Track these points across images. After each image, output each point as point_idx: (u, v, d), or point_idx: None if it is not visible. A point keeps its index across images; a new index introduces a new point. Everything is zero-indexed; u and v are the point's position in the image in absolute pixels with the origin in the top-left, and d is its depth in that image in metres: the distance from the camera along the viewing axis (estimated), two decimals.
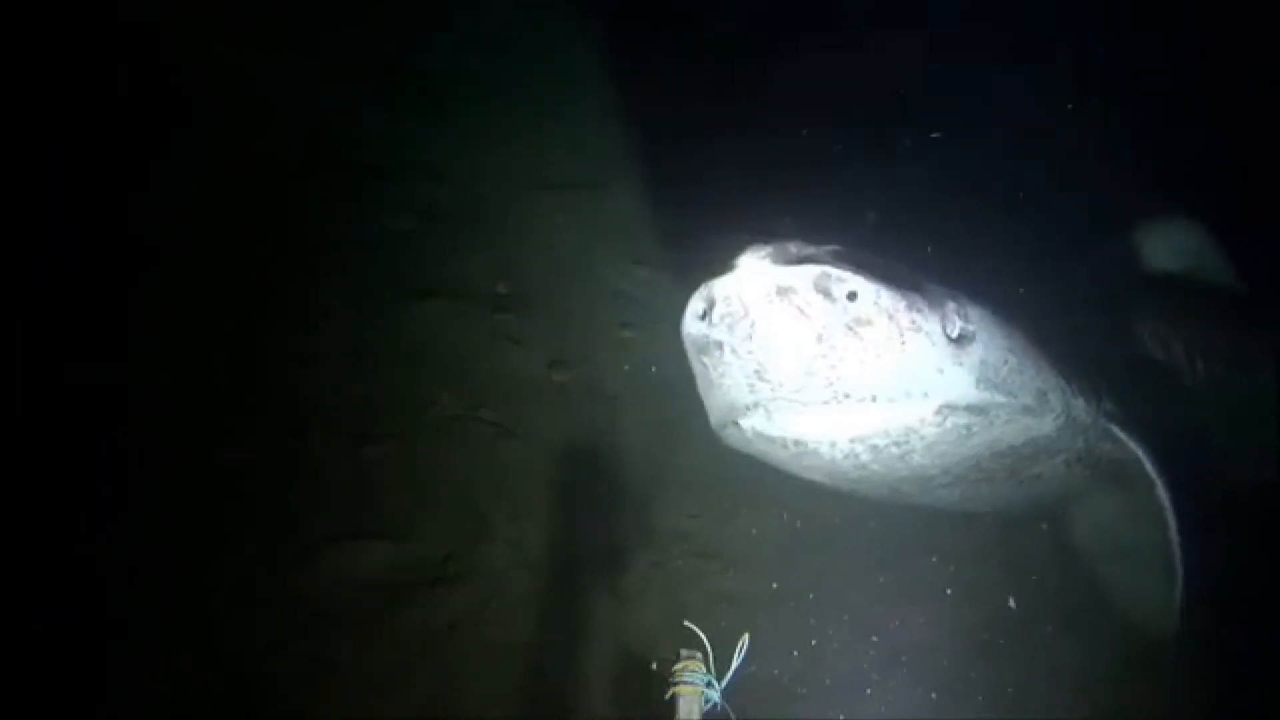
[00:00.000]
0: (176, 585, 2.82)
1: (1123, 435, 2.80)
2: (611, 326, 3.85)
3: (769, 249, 2.29)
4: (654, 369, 3.60)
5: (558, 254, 4.08)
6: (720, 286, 2.24)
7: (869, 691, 2.77)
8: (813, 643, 2.86)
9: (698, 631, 2.29)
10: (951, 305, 2.36)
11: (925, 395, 2.33)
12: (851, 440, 2.36)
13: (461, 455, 3.28)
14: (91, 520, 2.88)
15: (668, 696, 2.20)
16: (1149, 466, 2.78)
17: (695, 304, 2.29)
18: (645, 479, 3.31)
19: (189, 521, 2.94)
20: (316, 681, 2.69)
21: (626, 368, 3.69)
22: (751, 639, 2.25)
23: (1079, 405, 2.71)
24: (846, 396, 2.26)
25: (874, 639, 2.90)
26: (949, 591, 2.99)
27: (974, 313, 2.43)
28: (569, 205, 4.30)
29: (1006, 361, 2.48)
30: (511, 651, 2.78)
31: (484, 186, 4.24)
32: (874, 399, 2.28)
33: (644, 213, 4.36)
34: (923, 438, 2.39)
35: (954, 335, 2.35)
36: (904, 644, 2.89)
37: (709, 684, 2.22)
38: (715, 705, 2.22)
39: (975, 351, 2.39)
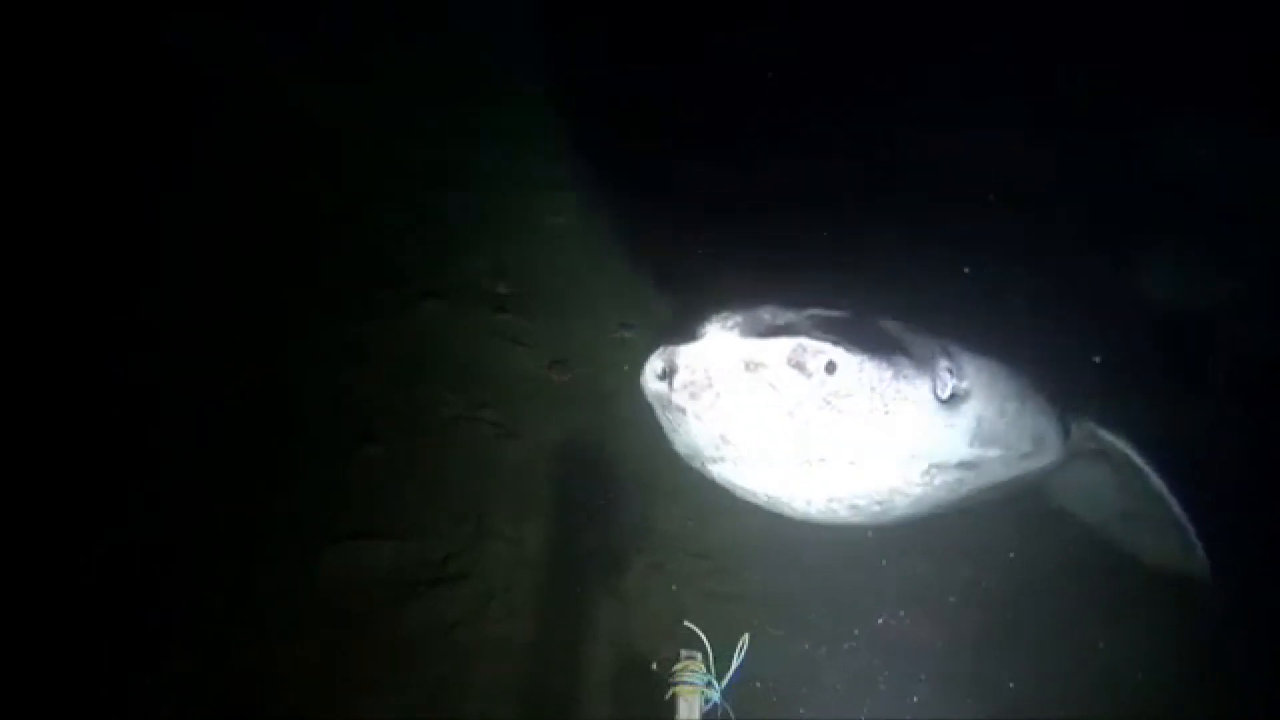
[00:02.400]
0: (177, 585, 2.83)
1: (1110, 437, 2.78)
2: (611, 326, 3.85)
3: (739, 317, 2.15)
4: None
5: (558, 254, 4.08)
6: (684, 354, 2.09)
7: (880, 687, 2.77)
8: (812, 645, 2.87)
9: (698, 631, 2.29)
10: (943, 363, 2.21)
11: (912, 458, 2.21)
12: (829, 500, 2.24)
13: (462, 455, 3.28)
14: (91, 520, 2.88)
15: (668, 696, 2.21)
16: (1138, 459, 2.78)
17: (655, 363, 2.14)
18: (645, 479, 3.31)
19: (189, 521, 2.94)
20: (316, 681, 2.69)
21: (626, 368, 3.69)
22: (751, 639, 2.25)
23: (1075, 431, 2.64)
24: (822, 460, 2.14)
25: (876, 638, 2.90)
26: (944, 590, 2.99)
27: (970, 365, 2.28)
28: (569, 205, 4.30)
29: (1003, 414, 2.34)
30: (511, 651, 2.78)
31: (485, 186, 4.24)
32: (853, 463, 2.15)
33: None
34: (907, 495, 2.27)
35: (945, 397, 2.20)
36: (904, 639, 2.89)
37: (709, 684, 2.22)
38: (715, 705, 2.22)
39: (969, 410, 2.25)
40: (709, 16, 4.65)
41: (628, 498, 3.23)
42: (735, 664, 2.27)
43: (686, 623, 2.32)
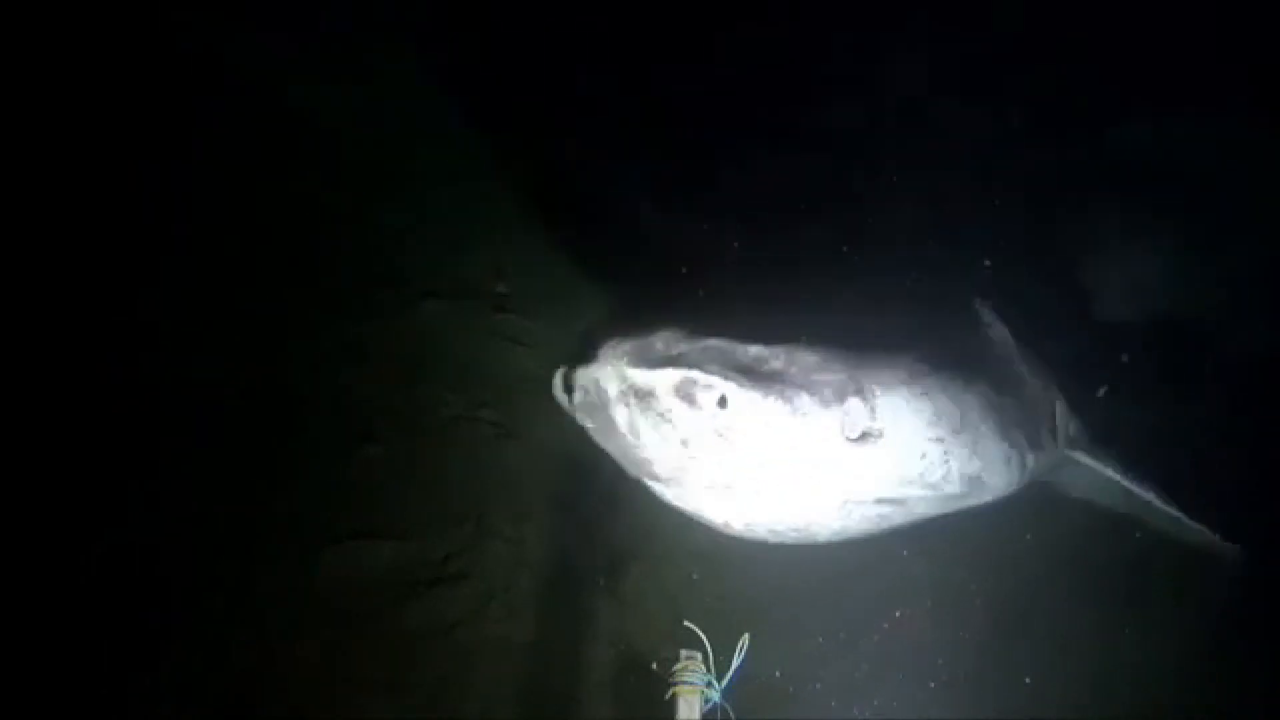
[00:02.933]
0: (177, 585, 2.83)
1: (1091, 462, 2.75)
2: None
3: (631, 343, 2.13)
4: None
5: (558, 254, 4.08)
6: (579, 374, 2.11)
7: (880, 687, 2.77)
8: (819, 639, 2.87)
9: (698, 631, 2.30)
10: (854, 401, 2.13)
11: (820, 493, 2.18)
12: (746, 524, 2.23)
13: (462, 455, 3.28)
14: (91, 520, 2.88)
15: (668, 696, 2.21)
16: (1134, 486, 2.76)
17: (557, 379, 2.18)
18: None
19: (189, 521, 2.94)
20: (316, 681, 2.69)
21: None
22: (751, 639, 2.26)
23: (1033, 461, 2.52)
24: (728, 488, 2.13)
25: (874, 638, 2.90)
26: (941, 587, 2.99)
27: (888, 405, 2.17)
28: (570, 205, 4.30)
29: (925, 455, 2.23)
30: (511, 652, 2.78)
31: (486, 186, 4.24)
32: (758, 494, 2.14)
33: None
34: (826, 527, 2.25)
35: (854, 436, 2.12)
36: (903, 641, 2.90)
37: (709, 684, 2.22)
38: (715, 705, 2.23)
39: (884, 450, 2.17)
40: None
41: (628, 498, 3.23)
42: (735, 664, 2.28)
43: (686, 623, 2.33)
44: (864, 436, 2.13)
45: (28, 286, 3.33)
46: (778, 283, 2.50)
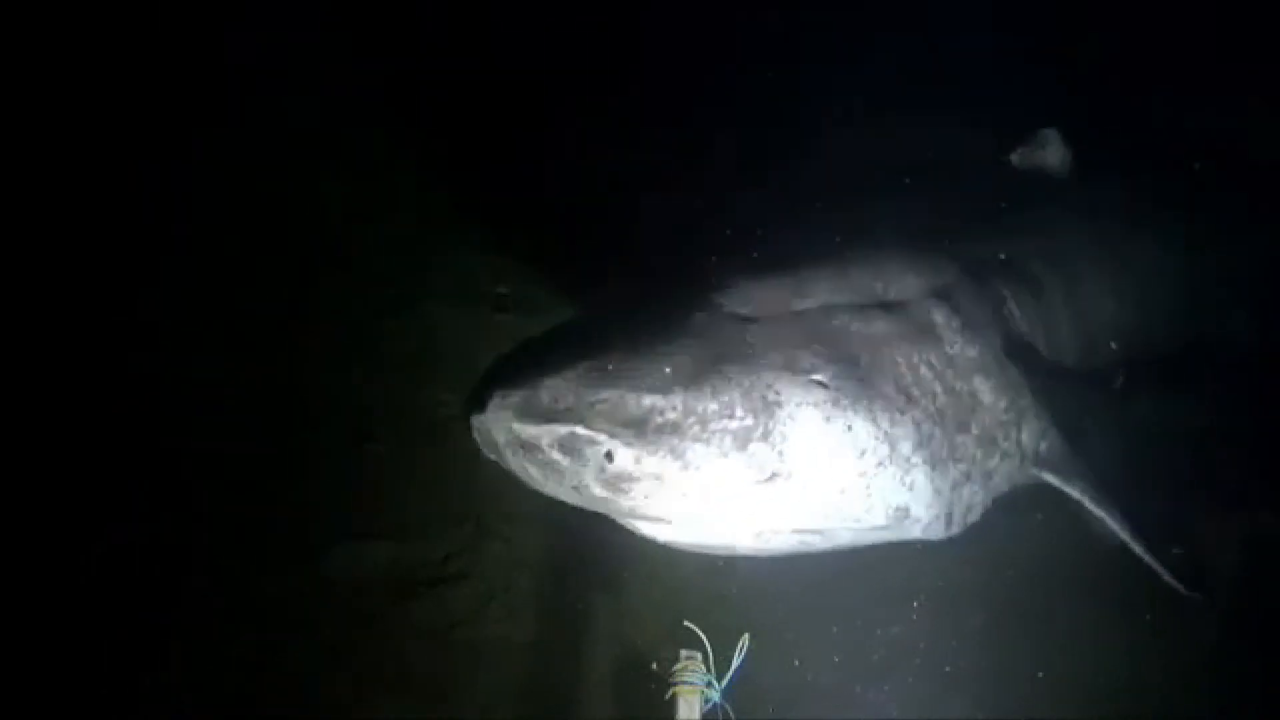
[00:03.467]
0: (178, 585, 2.83)
1: (1058, 482, 2.59)
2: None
3: (519, 393, 2.10)
4: None
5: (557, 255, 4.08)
6: (472, 418, 2.11)
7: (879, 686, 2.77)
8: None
9: (698, 631, 2.29)
10: (758, 446, 2.10)
11: (729, 526, 2.18)
12: (671, 543, 2.25)
13: (462, 455, 3.27)
14: (92, 519, 2.88)
15: (668, 696, 2.21)
16: (1100, 510, 2.58)
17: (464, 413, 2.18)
18: None
19: (190, 521, 2.94)
20: (317, 681, 2.70)
21: None
22: (751, 639, 2.25)
23: (978, 489, 2.45)
24: (641, 516, 2.15)
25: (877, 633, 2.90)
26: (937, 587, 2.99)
27: (800, 444, 2.13)
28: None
29: (844, 491, 2.20)
30: (511, 651, 2.78)
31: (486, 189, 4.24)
32: (670, 524, 2.16)
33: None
34: (749, 549, 2.26)
35: (761, 479, 2.11)
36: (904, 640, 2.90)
37: (709, 684, 2.22)
38: (715, 705, 2.22)
39: (794, 488, 2.14)
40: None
41: None
42: (735, 664, 2.27)
43: (686, 623, 2.32)
44: (773, 477, 2.13)
45: (30, 287, 3.33)
46: (735, 292, 2.39)
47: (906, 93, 4.44)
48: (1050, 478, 2.57)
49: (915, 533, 2.37)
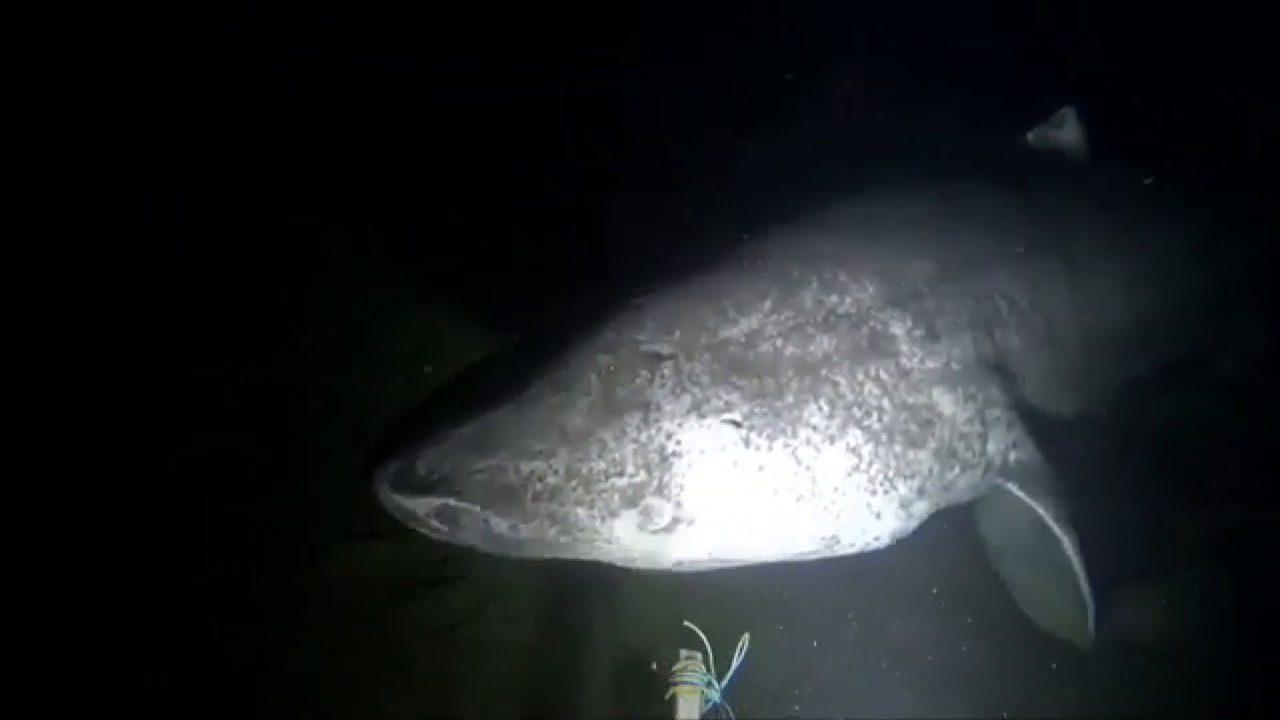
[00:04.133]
0: (178, 585, 2.83)
1: (1022, 495, 2.52)
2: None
3: (395, 464, 2.17)
4: None
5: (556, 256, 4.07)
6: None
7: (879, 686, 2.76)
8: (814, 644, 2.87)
9: (698, 631, 2.30)
10: (653, 501, 2.09)
11: (636, 561, 2.23)
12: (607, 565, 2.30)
13: None
14: (92, 520, 2.88)
15: (668, 696, 2.21)
16: (1057, 527, 2.51)
17: None
18: None
19: (190, 521, 2.94)
20: (317, 681, 2.69)
21: None
22: (751, 639, 2.26)
23: (925, 506, 2.41)
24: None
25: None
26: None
27: (699, 495, 2.11)
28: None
29: (754, 531, 2.19)
30: (511, 651, 2.78)
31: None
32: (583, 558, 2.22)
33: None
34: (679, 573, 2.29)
35: (659, 528, 2.11)
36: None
37: (709, 684, 2.22)
38: (715, 705, 2.23)
39: (699, 530, 2.15)
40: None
41: None
42: (735, 664, 2.28)
43: (686, 623, 2.33)
44: (674, 523, 2.12)
45: (30, 286, 3.33)
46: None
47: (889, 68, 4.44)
48: (1014, 490, 2.51)
49: (853, 551, 2.35)
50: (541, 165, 4.03)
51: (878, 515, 2.30)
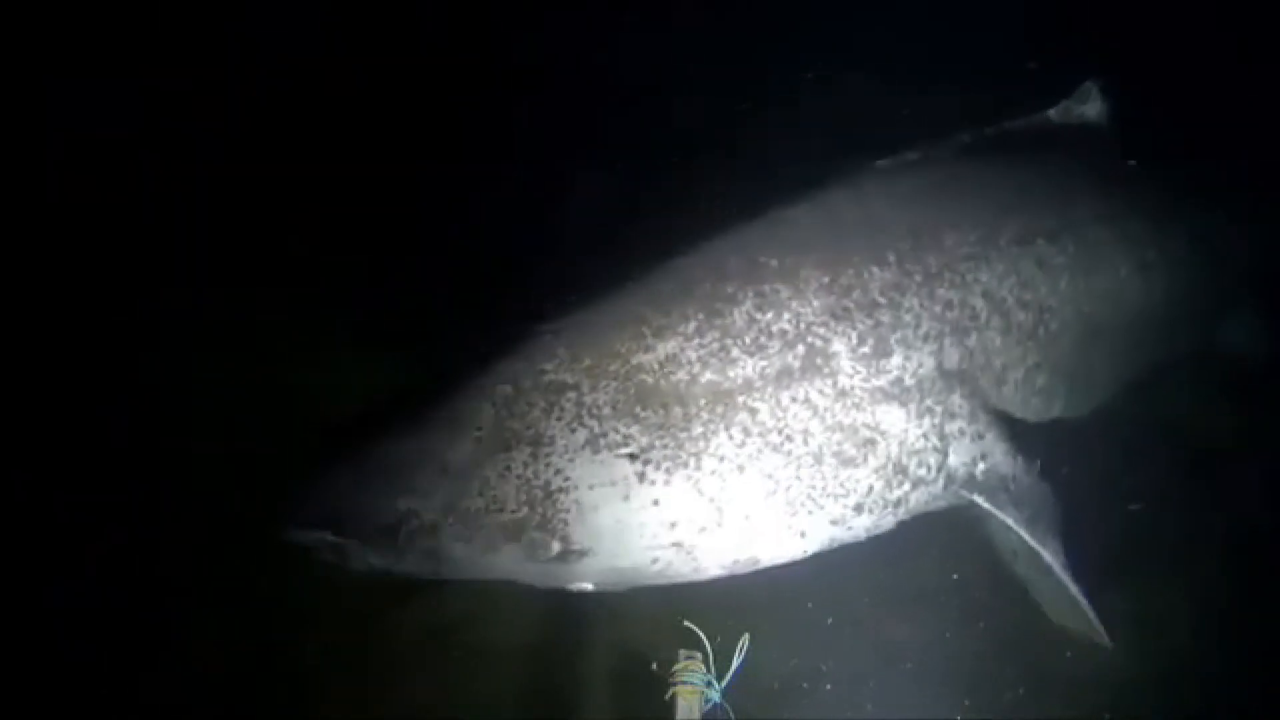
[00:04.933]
0: (176, 584, 2.82)
1: (989, 507, 2.42)
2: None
3: (292, 502, 2.26)
4: None
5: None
6: None
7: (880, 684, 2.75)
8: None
9: (698, 631, 2.30)
10: (533, 535, 2.08)
11: (535, 585, 2.25)
12: None
13: None
14: (92, 520, 2.88)
15: (668, 696, 2.21)
16: (1030, 538, 2.41)
17: None
18: None
19: (189, 520, 2.94)
20: (316, 681, 2.69)
21: None
22: (751, 639, 2.25)
23: (862, 524, 2.35)
24: None
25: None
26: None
27: (586, 527, 2.09)
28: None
29: (656, 560, 2.17)
30: (511, 651, 2.78)
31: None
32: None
33: None
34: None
35: (549, 557, 2.11)
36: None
37: (709, 684, 2.22)
38: (715, 705, 2.23)
39: (593, 561, 2.14)
40: None
41: None
42: (735, 664, 2.28)
43: (686, 623, 2.33)
44: (563, 554, 2.10)
45: (31, 285, 3.33)
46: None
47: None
48: (983, 502, 2.41)
49: (783, 563, 2.33)
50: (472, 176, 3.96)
51: (802, 534, 2.25)
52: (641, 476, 2.11)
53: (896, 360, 2.35)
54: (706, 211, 2.91)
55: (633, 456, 2.12)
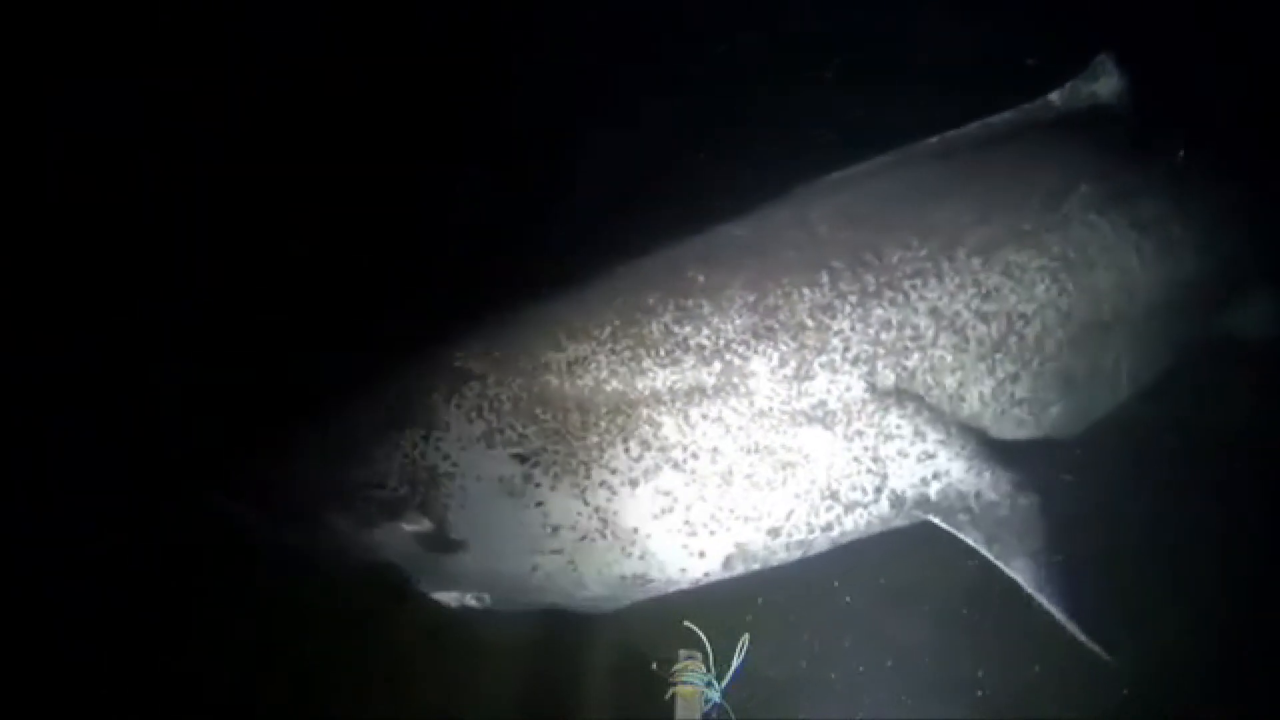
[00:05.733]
0: (176, 584, 2.82)
1: (947, 527, 2.35)
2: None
3: (218, 475, 2.32)
4: None
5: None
6: None
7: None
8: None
9: (698, 631, 2.30)
10: (411, 515, 2.07)
11: (420, 577, 2.29)
12: None
13: None
14: (91, 519, 2.88)
15: (668, 696, 2.21)
16: (993, 558, 2.33)
17: None
18: None
19: (188, 520, 2.94)
20: (316, 682, 2.70)
21: None
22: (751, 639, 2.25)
23: (785, 545, 2.30)
24: None
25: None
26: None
27: (472, 516, 2.07)
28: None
29: (537, 568, 2.15)
30: (511, 651, 2.78)
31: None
32: None
33: None
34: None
35: (431, 547, 2.10)
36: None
37: (709, 684, 2.22)
38: (715, 705, 2.23)
39: (474, 561, 2.13)
40: None
41: None
42: (735, 664, 2.27)
43: (686, 623, 2.33)
44: (448, 547, 2.09)
45: (31, 285, 3.33)
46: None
47: None
48: (940, 523, 2.35)
49: (679, 588, 2.28)
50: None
51: (700, 554, 2.20)
52: (528, 478, 2.09)
53: (820, 383, 2.26)
54: (646, 221, 2.87)
55: (522, 458, 2.09)
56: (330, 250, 3.61)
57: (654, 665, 2.44)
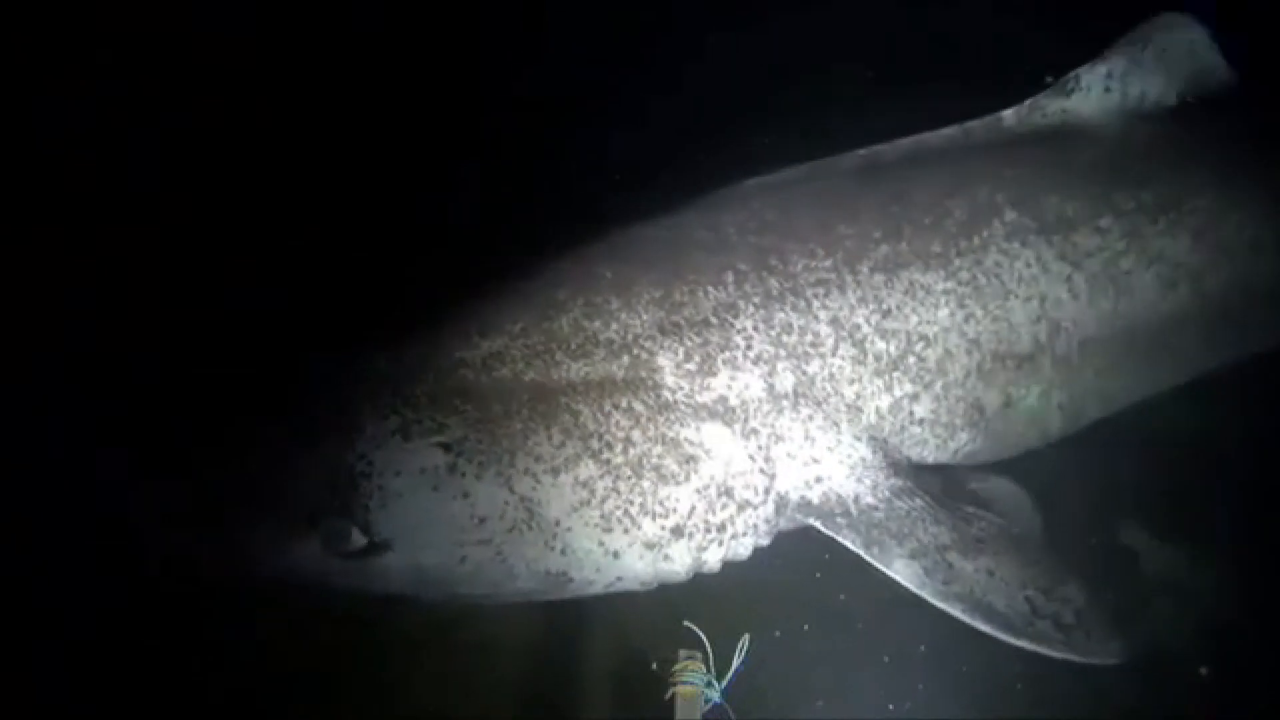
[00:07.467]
0: (177, 585, 2.82)
1: (827, 530, 2.35)
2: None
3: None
4: None
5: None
6: None
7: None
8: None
9: (698, 631, 2.29)
10: (331, 522, 2.00)
11: (342, 586, 2.16)
12: None
13: None
14: (91, 519, 2.88)
15: (668, 696, 2.21)
16: (871, 560, 2.32)
17: None
18: None
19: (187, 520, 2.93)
20: (316, 682, 2.70)
21: None
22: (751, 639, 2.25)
23: (692, 548, 2.28)
24: None
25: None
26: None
27: (392, 515, 2.02)
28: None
29: (465, 560, 2.10)
30: (510, 651, 2.78)
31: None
32: None
33: None
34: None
35: (352, 551, 2.03)
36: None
37: (709, 684, 2.22)
38: (715, 705, 2.23)
39: (400, 560, 2.06)
40: None
41: None
42: (735, 664, 2.27)
43: (686, 623, 2.32)
44: (369, 549, 2.03)
45: (31, 285, 3.33)
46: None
47: None
48: (821, 527, 2.37)
49: (595, 592, 2.26)
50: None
51: (615, 555, 2.19)
52: (452, 468, 2.07)
53: (722, 379, 2.33)
54: (560, 221, 2.94)
55: (446, 447, 2.08)
56: (238, 252, 3.59)
57: (654, 665, 2.45)
